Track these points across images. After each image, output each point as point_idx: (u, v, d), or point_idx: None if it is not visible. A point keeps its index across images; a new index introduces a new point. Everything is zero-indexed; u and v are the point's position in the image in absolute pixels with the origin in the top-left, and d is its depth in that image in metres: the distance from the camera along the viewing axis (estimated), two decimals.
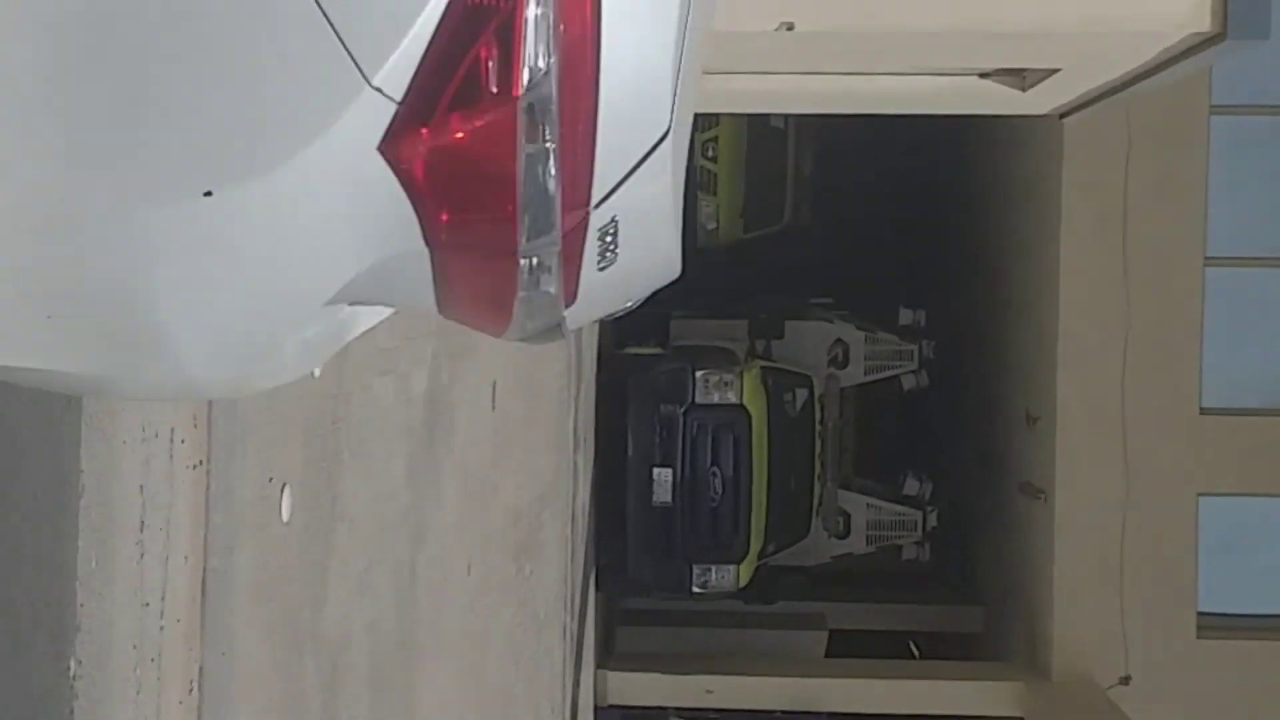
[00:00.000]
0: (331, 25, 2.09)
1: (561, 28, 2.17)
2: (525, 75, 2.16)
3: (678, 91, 2.35)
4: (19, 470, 3.82)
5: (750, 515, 13.88)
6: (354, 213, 2.23)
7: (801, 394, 14.57)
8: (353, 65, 2.12)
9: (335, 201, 2.21)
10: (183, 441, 4.57)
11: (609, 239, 2.37)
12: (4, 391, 3.52)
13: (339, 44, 2.10)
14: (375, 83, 2.13)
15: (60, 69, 2.10)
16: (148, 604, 4.42)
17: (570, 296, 2.38)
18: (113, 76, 2.11)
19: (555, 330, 2.48)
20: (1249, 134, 13.85)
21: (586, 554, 12.85)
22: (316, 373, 5.30)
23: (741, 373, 13.91)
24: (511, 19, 2.15)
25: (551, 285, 2.33)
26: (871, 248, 18.20)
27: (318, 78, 2.12)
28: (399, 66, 2.14)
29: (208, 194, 2.14)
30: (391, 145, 2.18)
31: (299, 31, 2.10)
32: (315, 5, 2.09)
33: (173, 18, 2.10)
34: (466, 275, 2.35)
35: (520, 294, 2.33)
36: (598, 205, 2.32)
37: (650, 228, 2.47)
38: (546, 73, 2.17)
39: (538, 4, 2.15)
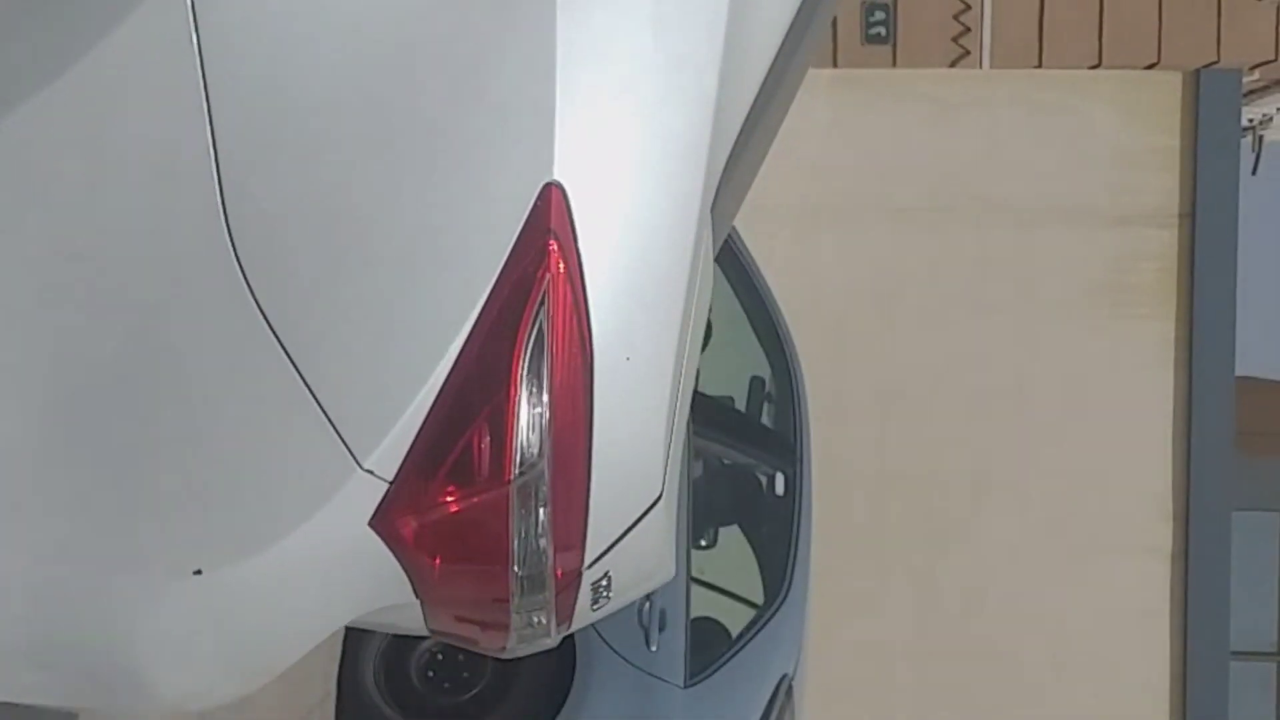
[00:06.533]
0: (324, 412, 2.14)
1: (555, 412, 2.21)
2: (517, 460, 2.21)
3: (670, 456, 2.40)
4: None
5: None
6: (345, 579, 2.27)
7: None
8: (345, 450, 2.16)
9: (326, 573, 2.25)
10: None
11: (603, 588, 2.43)
12: None
13: (331, 429, 2.14)
14: (367, 466, 2.17)
15: (48, 451, 2.14)
16: None
17: (564, 625, 2.44)
18: (102, 461, 2.15)
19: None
20: None
21: None
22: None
23: None
24: (504, 406, 2.19)
25: (544, 620, 2.39)
26: None
27: (309, 462, 2.16)
28: (391, 449, 2.18)
29: (197, 572, 2.17)
30: (382, 521, 2.23)
31: (290, 417, 2.14)
32: (308, 393, 2.12)
33: (163, 404, 2.14)
34: (459, 622, 2.43)
35: (513, 633, 2.40)
36: (590, 565, 2.37)
37: (644, 571, 2.53)
38: (539, 456, 2.22)
39: (530, 391, 2.20)
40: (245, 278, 2.10)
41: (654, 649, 7.21)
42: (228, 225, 2.09)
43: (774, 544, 7.84)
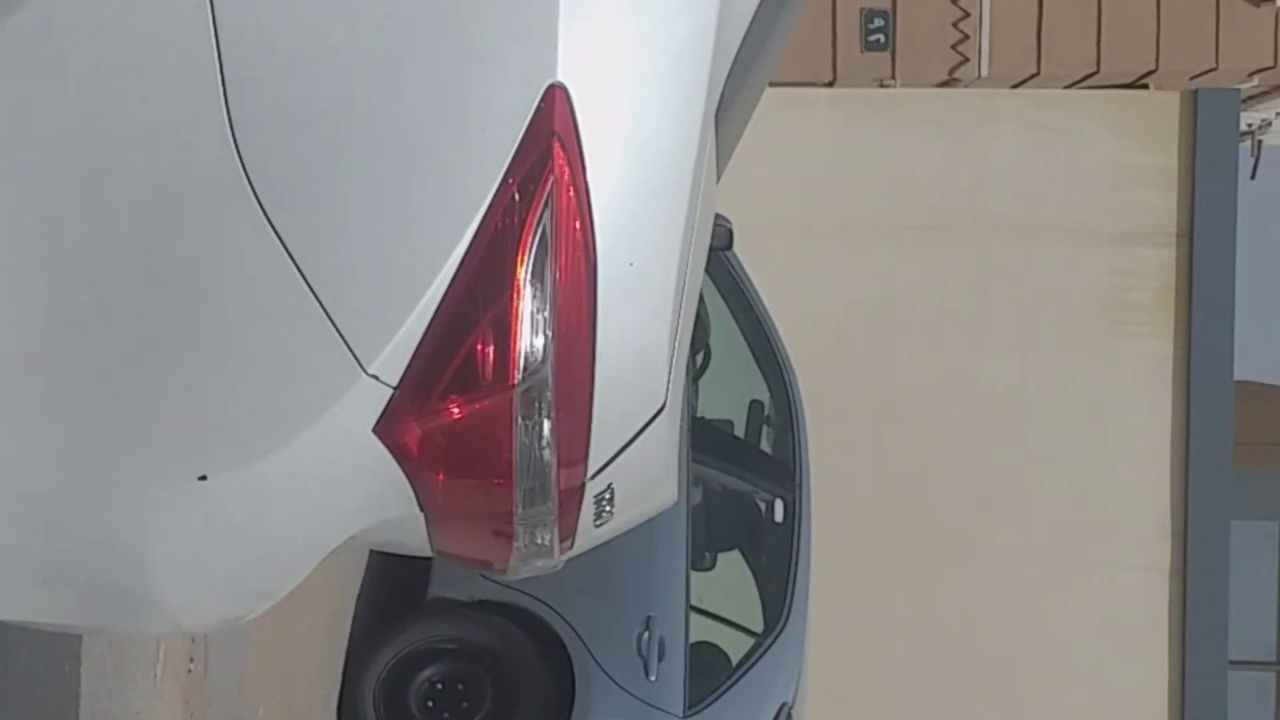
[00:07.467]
0: (328, 315, 2.11)
1: (558, 317, 2.18)
2: (521, 364, 2.19)
3: (674, 366, 2.36)
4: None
5: None
6: (349, 487, 2.24)
7: None
8: (349, 354, 2.13)
9: (330, 480, 2.22)
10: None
11: (605, 502, 2.40)
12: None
13: (335, 334, 2.12)
14: (371, 370, 2.14)
15: (54, 353, 2.12)
16: None
17: (567, 543, 2.39)
18: (105, 364, 2.13)
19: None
20: None
21: None
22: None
23: None
24: (507, 311, 2.17)
25: (548, 538, 2.35)
26: None
27: (313, 366, 2.14)
28: (395, 354, 2.15)
29: (201, 478, 2.16)
30: (386, 427, 2.19)
31: (295, 322, 2.11)
32: (312, 296, 2.10)
33: (166, 308, 2.11)
34: (463, 535, 2.38)
35: (516, 550, 2.35)
36: (594, 476, 2.34)
37: (648, 485, 2.49)
38: (543, 361, 2.19)
39: (534, 296, 2.17)
40: (249, 179, 2.08)
41: (653, 679, 7.22)
42: (231, 126, 2.08)
43: (773, 571, 7.83)
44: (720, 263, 7.71)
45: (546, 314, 2.18)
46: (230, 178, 2.09)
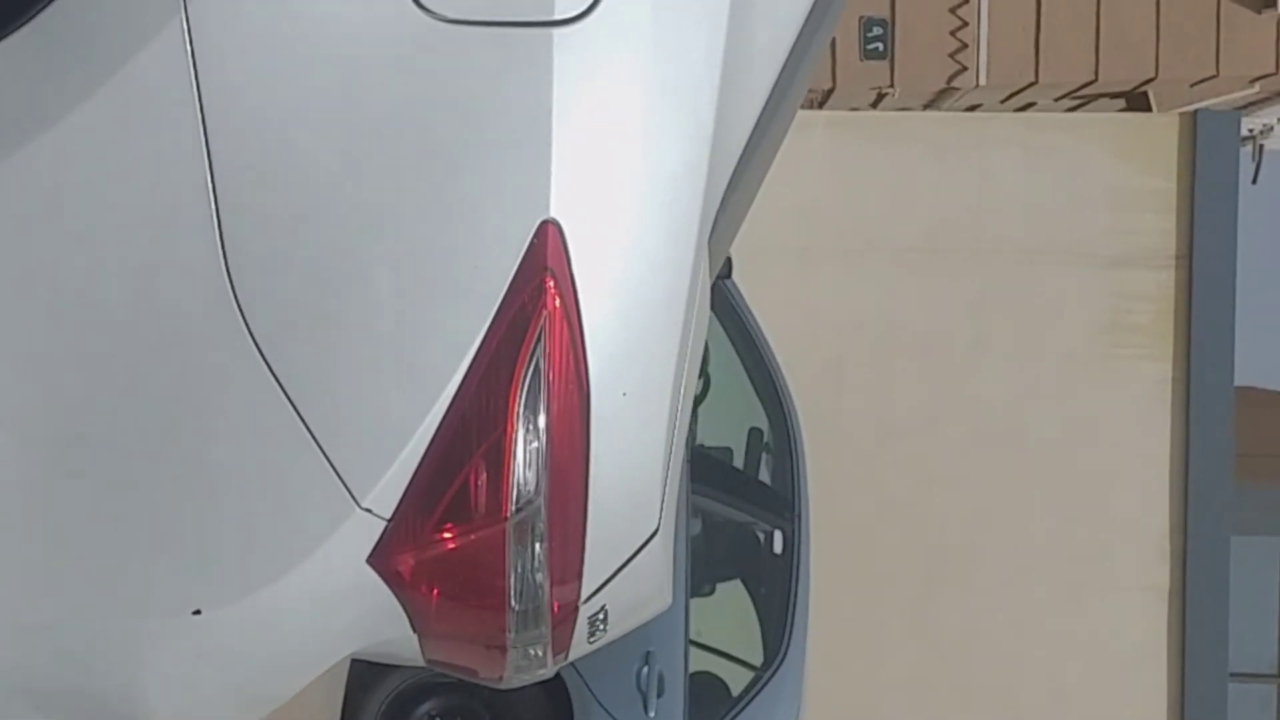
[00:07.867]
0: (323, 452, 2.14)
1: (551, 448, 2.21)
2: (514, 496, 2.22)
3: (666, 490, 2.39)
4: None
5: None
6: (342, 614, 2.28)
7: None
8: (343, 489, 2.16)
9: (324, 609, 2.26)
10: None
11: (599, 621, 2.43)
12: None
13: (330, 469, 2.15)
14: (365, 504, 2.18)
15: (54, 492, 2.15)
16: None
17: (560, 656, 2.43)
18: (101, 503, 2.15)
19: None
20: None
21: None
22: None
23: None
24: (500, 443, 2.20)
25: (541, 653, 2.39)
26: None
27: (308, 502, 2.17)
28: (389, 488, 2.18)
29: (196, 612, 2.19)
30: (380, 558, 2.23)
31: (290, 458, 2.14)
32: (307, 433, 2.13)
33: (163, 447, 2.14)
34: (456, 654, 2.43)
35: (509, 665, 2.39)
36: (587, 599, 2.37)
37: (641, 603, 2.52)
38: (536, 493, 2.22)
39: (527, 428, 2.20)
40: (245, 321, 2.12)
41: (652, 715, 7.23)
42: (228, 270, 2.11)
43: (772, 604, 7.84)
44: (719, 291, 7.70)
45: (540, 446, 2.21)
46: (226, 320, 2.12)
